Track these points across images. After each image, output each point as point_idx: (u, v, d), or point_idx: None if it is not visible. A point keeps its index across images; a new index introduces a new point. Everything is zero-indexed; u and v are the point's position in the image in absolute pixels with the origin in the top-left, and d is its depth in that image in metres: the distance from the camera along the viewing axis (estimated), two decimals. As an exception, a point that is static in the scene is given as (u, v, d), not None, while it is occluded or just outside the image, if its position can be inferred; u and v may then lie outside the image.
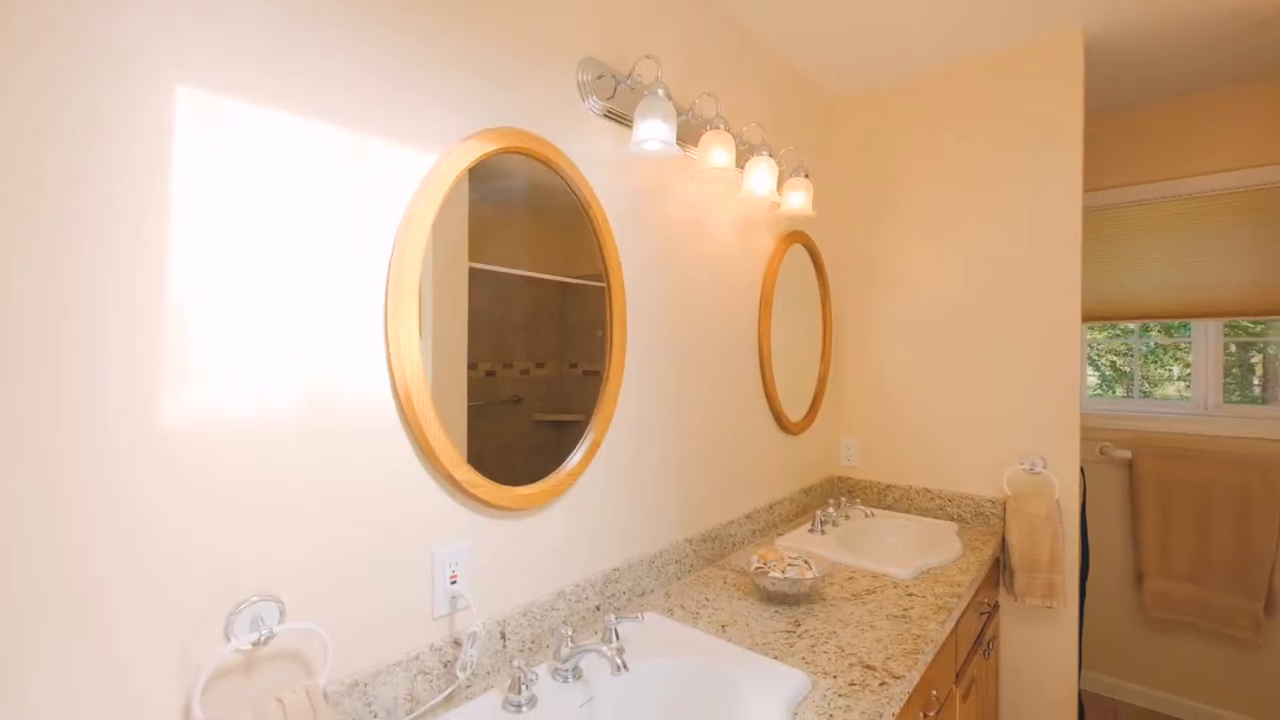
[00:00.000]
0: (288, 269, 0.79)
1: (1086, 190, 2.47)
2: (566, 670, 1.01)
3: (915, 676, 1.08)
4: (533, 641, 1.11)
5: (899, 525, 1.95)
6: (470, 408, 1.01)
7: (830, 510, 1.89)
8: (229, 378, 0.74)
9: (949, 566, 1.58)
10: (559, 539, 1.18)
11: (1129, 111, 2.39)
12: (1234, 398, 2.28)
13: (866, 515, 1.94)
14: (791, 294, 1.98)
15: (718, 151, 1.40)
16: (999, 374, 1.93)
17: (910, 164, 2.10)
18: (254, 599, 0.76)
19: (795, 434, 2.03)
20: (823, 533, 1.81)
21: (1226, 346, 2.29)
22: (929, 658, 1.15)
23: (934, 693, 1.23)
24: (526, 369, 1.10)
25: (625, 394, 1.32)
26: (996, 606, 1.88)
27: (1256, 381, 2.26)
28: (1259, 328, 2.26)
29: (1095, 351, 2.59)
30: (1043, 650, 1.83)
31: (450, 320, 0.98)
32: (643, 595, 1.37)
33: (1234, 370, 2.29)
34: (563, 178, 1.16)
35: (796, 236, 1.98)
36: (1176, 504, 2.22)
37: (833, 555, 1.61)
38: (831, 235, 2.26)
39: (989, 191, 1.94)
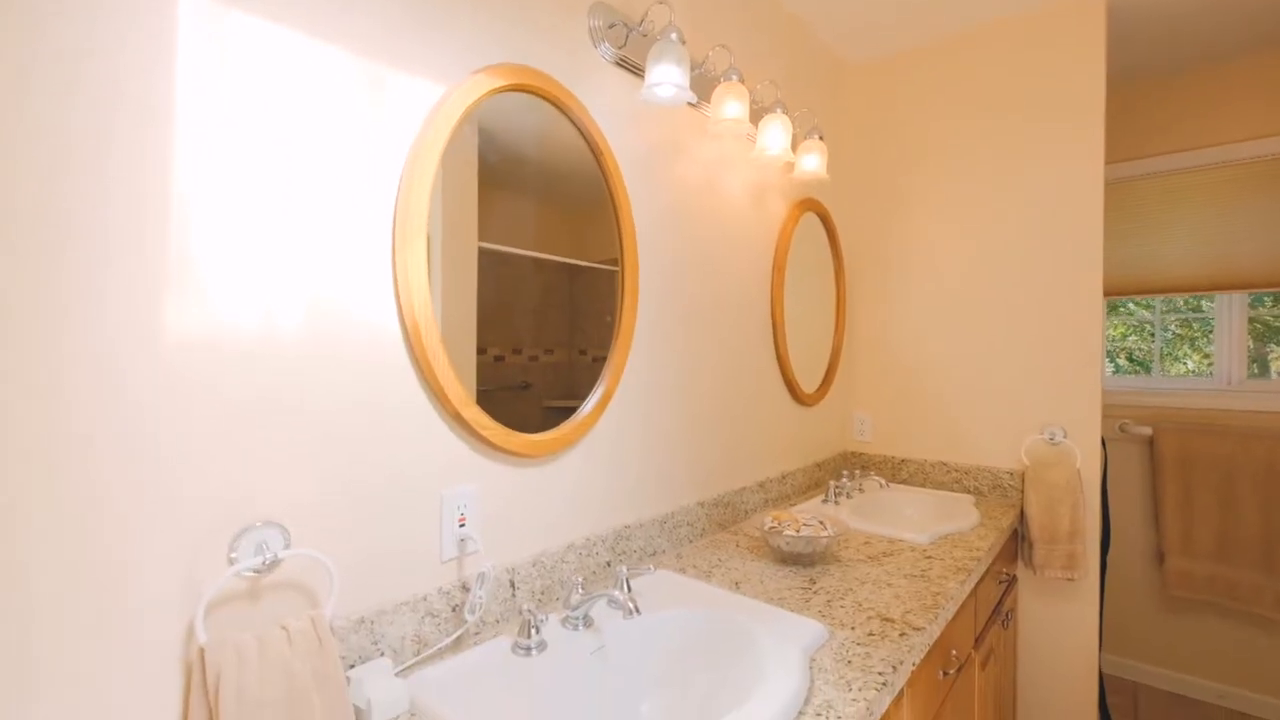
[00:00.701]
0: (294, 191, 0.77)
1: (1108, 162, 2.42)
2: (577, 618, 0.98)
3: (935, 630, 1.05)
4: (543, 593, 1.09)
5: (915, 497, 1.91)
6: (479, 392, 0.99)
7: (845, 481, 1.85)
8: (233, 294, 0.72)
9: (967, 533, 1.54)
10: (569, 491, 1.15)
11: (1151, 80, 2.33)
12: (1254, 371, 2.22)
13: (881, 486, 1.90)
14: (804, 263, 1.95)
15: (731, 104, 1.37)
16: (1017, 345, 1.88)
17: (925, 133, 2.06)
18: (258, 524, 0.74)
19: (809, 405, 2.00)
20: (836, 503, 1.77)
21: (1252, 322, 2.23)
22: (949, 614, 1.12)
23: (954, 652, 1.20)
24: (535, 355, 1.09)
25: (637, 348, 1.30)
26: (1014, 580, 1.84)
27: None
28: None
29: (1111, 346, 2.54)
30: (1062, 625, 1.78)
31: (459, 267, 0.96)
32: (654, 555, 1.34)
33: (1254, 345, 2.23)
34: (574, 122, 1.14)
35: (810, 204, 1.95)
36: (1199, 481, 2.16)
37: (848, 521, 1.58)
38: (845, 205, 2.22)
39: (1007, 161, 1.89)
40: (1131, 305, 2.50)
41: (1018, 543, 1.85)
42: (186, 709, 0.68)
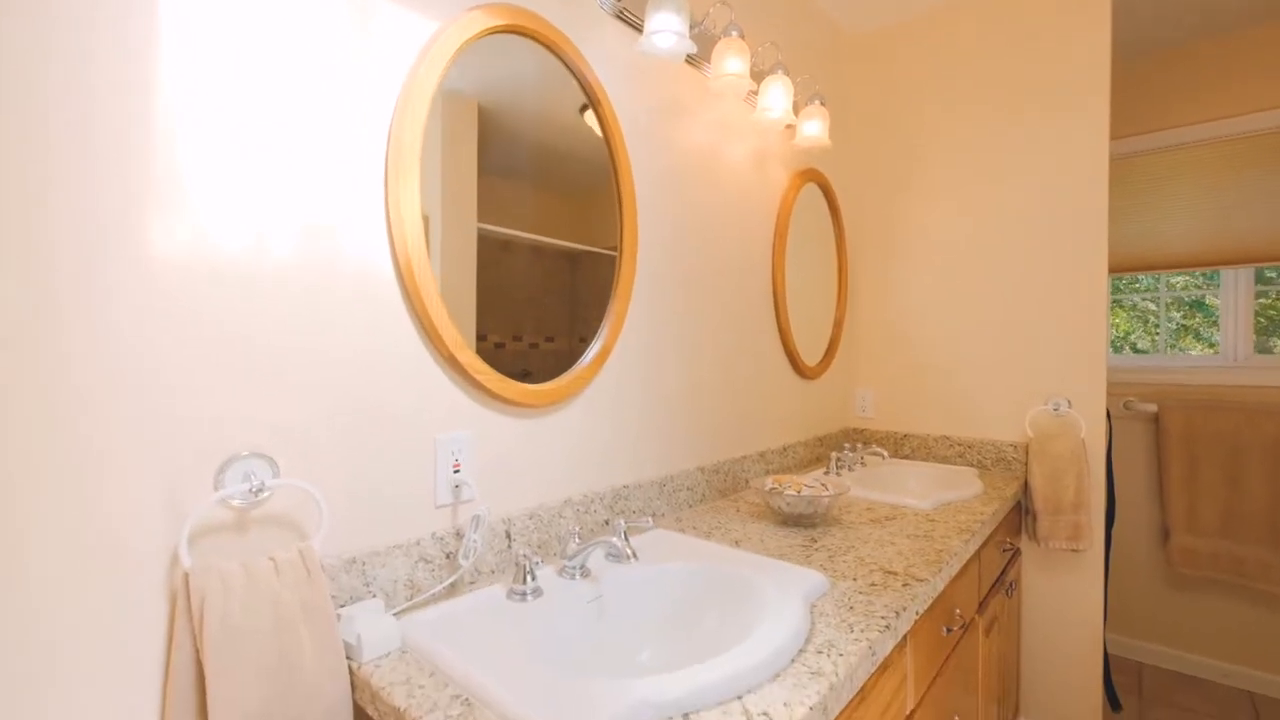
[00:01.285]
0: (284, 118, 0.75)
1: (1113, 138, 2.39)
2: (574, 568, 0.97)
3: (939, 583, 1.03)
4: (539, 546, 1.07)
5: (917, 470, 1.89)
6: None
7: (847, 453, 1.83)
8: (221, 216, 0.70)
9: (970, 500, 1.52)
10: (567, 445, 1.14)
11: (1155, 54, 2.30)
12: (1261, 346, 2.19)
13: (884, 459, 1.88)
14: (806, 235, 1.92)
15: (732, 59, 1.35)
16: (1022, 317, 1.86)
17: (926, 105, 2.03)
18: (245, 454, 0.72)
19: (811, 379, 1.97)
20: (839, 475, 1.75)
21: (1257, 297, 2.20)
22: (952, 570, 1.10)
23: (957, 611, 1.18)
24: (536, 343, 1.07)
25: (636, 303, 1.28)
26: (1018, 552, 1.82)
27: (1290, 331, 2.17)
28: (1293, 275, 2.17)
29: (1116, 340, 2.51)
30: (1067, 597, 1.76)
31: (459, 247, 0.94)
32: (653, 517, 1.32)
33: (1261, 320, 2.20)
34: (571, 69, 1.11)
35: (812, 174, 1.92)
36: (1205, 457, 2.14)
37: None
38: (847, 178, 2.20)
39: (1010, 134, 1.87)
40: (1135, 298, 2.47)
41: (1021, 515, 1.83)
42: (171, 636, 0.66)
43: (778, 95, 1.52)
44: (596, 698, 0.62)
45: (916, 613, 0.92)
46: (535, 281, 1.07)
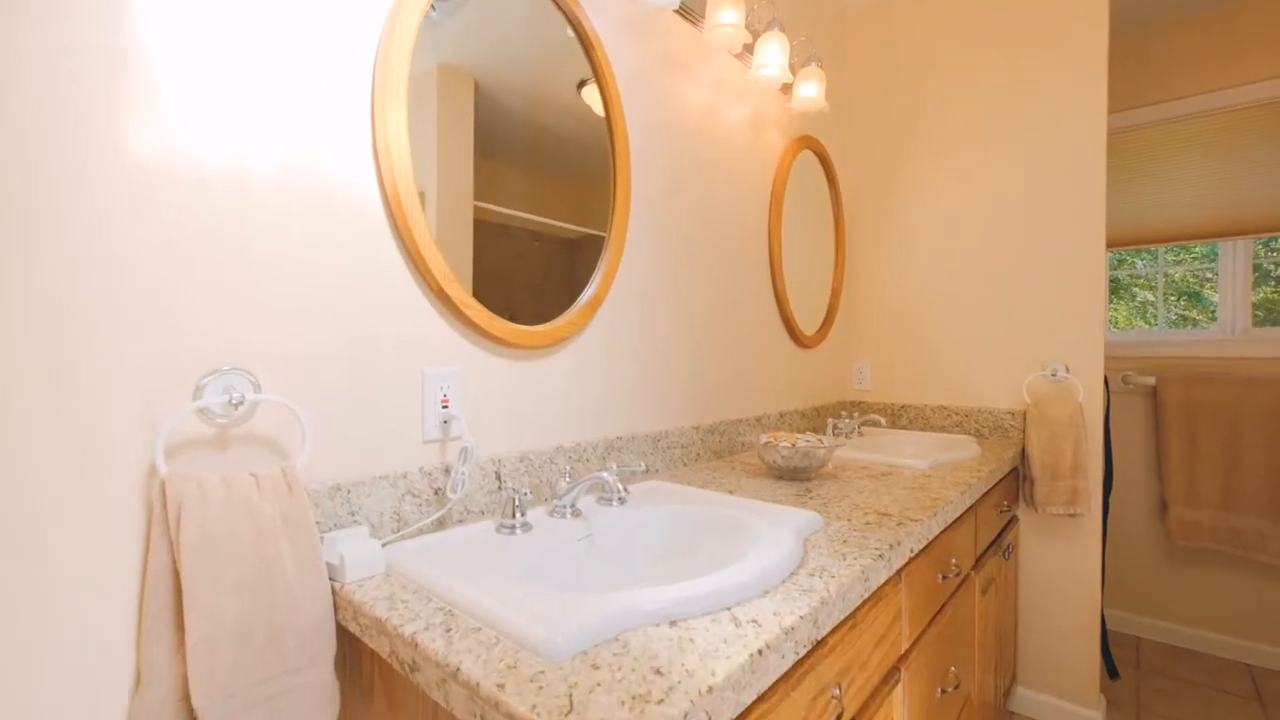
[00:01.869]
0: (266, 33, 0.74)
1: (1111, 112, 2.38)
2: (564, 507, 0.95)
3: (934, 526, 1.01)
4: (530, 491, 1.05)
5: (914, 437, 1.88)
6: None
7: (844, 420, 1.82)
8: (199, 125, 0.69)
9: (967, 461, 1.51)
10: (560, 391, 1.12)
11: (1153, 26, 2.29)
12: (1260, 318, 2.18)
13: (880, 425, 1.87)
14: (803, 203, 1.91)
15: (726, 10, 1.33)
16: (1019, 285, 1.85)
17: (925, 76, 2.02)
18: (226, 368, 0.71)
19: (808, 347, 1.96)
20: (835, 437, 1.74)
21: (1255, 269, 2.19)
22: (948, 516, 1.08)
23: (953, 561, 1.17)
24: (533, 326, 1.06)
25: (630, 253, 1.26)
26: (1015, 518, 1.81)
27: (1289, 304, 2.15)
28: (1293, 247, 2.16)
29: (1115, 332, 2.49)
30: (1065, 563, 1.75)
31: (456, 184, 0.93)
32: (646, 473, 1.31)
33: (1259, 313, 2.19)
34: (566, 14, 1.10)
35: (808, 142, 1.91)
36: (1204, 429, 2.13)
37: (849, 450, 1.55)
38: (844, 148, 2.19)
39: (1008, 104, 1.85)
40: (1135, 290, 2.45)
41: (1019, 482, 1.82)
42: (148, 545, 0.65)
43: (773, 52, 1.50)
44: (581, 605, 0.60)
45: (911, 550, 0.91)
46: (534, 267, 1.06)
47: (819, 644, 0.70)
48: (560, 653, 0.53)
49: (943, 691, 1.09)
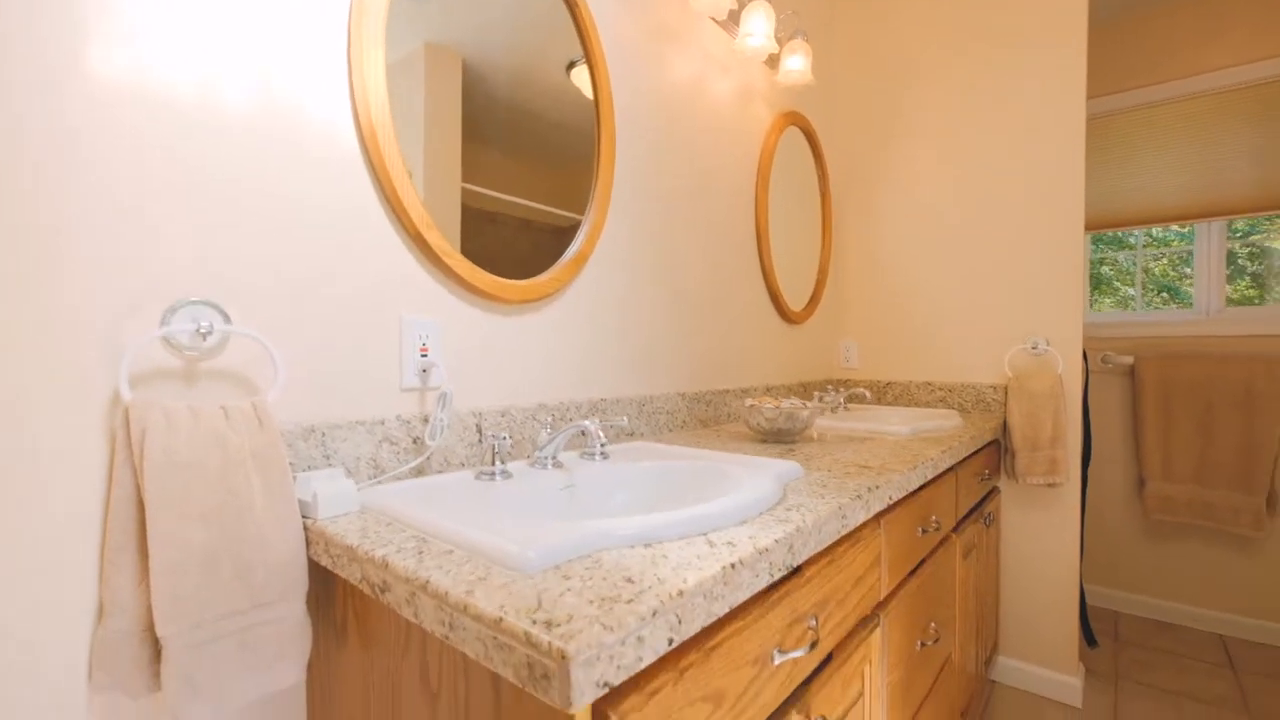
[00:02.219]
0: (235, -46, 0.72)
1: (1092, 96, 2.41)
2: (545, 458, 0.94)
3: (915, 478, 1.02)
4: (512, 448, 1.04)
5: (899, 411, 1.89)
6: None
7: (831, 394, 1.83)
8: (167, 49, 0.67)
9: (949, 429, 1.52)
10: (543, 348, 1.11)
11: (1136, 12, 2.32)
12: (1234, 297, 2.22)
13: (866, 399, 1.88)
14: (790, 181, 1.91)
15: (711, -27, 1.33)
16: (1002, 263, 1.86)
17: (910, 56, 2.03)
18: (195, 299, 0.69)
19: (796, 323, 1.97)
20: (822, 414, 1.74)
21: (1230, 250, 2.23)
22: (928, 472, 1.09)
23: (934, 518, 1.18)
24: None
25: (615, 212, 1.26)
26: (996, 490, 1.83)
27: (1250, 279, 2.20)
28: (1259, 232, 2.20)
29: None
30: (1045, 533, 1.77)
31: (443, 166, 0.92)
32: (630, 436, 1.30)
33: (1231, 298, 2.23)
34: (545, -36, 1.09)
35: (795, 118, 1.91)
36: (1179, 406, 2.16)
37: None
38: (831, 131, 2.19)
39: (991, 86, 1.87)
40: (1117, 284, 2.48)
41: (1000, 454, 1.83)
42: (111, 474, 0.63)
43: (759, 21, 1.50)
44: (555, 528, 0.60)
45: (890, 497, 0.91)
46: (523, 253, 1.06)
47: (795, 572, 0.70)
48: (531, 566, 0.53)
49: (922, 644, 1.09)
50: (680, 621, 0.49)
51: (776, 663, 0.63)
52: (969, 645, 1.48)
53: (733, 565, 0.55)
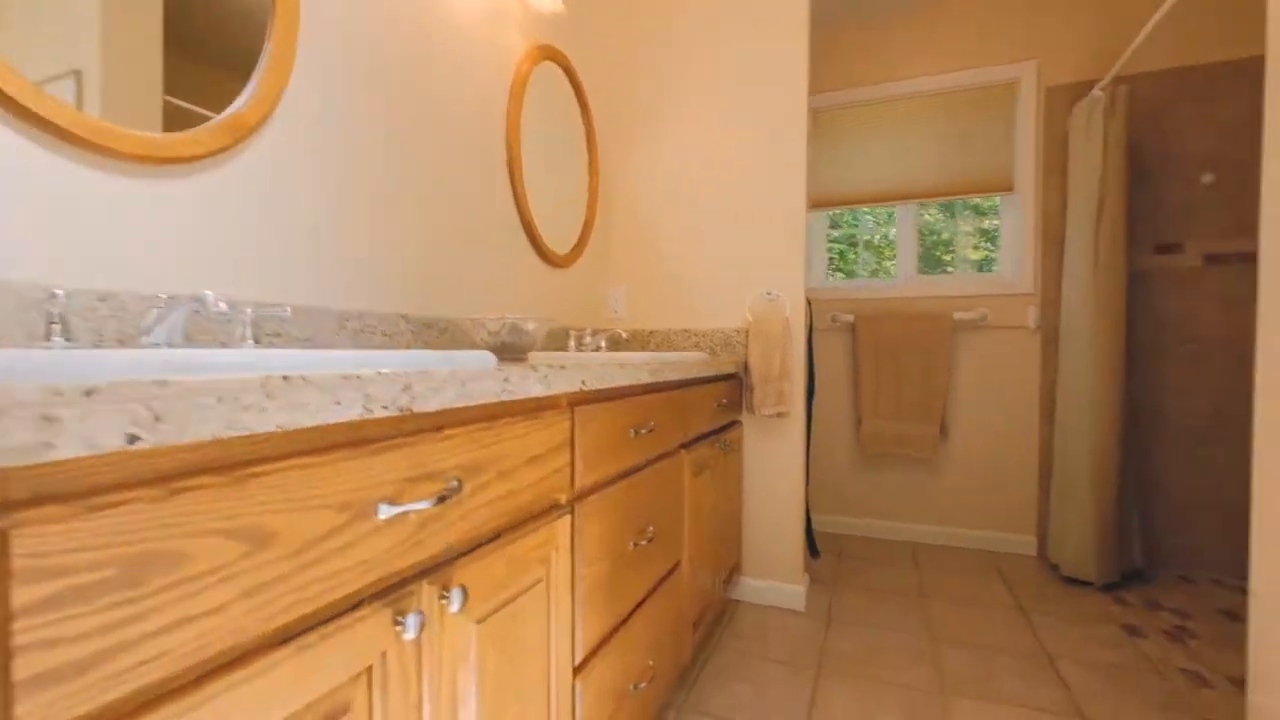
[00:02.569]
0: None
1: (821, 91, 2.78)
2: (154, 345, 0.74)
3: (621, 377, 1.01)
4: (114, 337, 0.81)
5: (655, 353, 1.95)
6: None
7: (588, 335, 1.82)
8: None
9: (689, 361, 1.59)
10: (187, 224, 0.88)
11: (861, 23, 2.72)
12: (923, 268, 2.74)
13: (623, 340, 1.91)
14: (553, 122, 1.86)
15: None
16: (744, 222, 2.04)
17: (667, 22, 2.13)
18: None
19: (560, 266, 1.92)
20: (580, 351, 1.72)
21: (921, 228, 2.74)
22: (639, 375, 1.10)
23: (651, 423, 1.20)
24: None
25: (304, 75, 1.06)
26: (739, 423, 1.99)
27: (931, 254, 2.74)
28: (944, 216, 2.74)
29: (831, 253, 2.94)
30: (777, 459, 1.98)
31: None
32: (309, 341, 1.12)
33: (924, 244, 2.75)
34: None
35: (550, 52, 1.86)
36: (885, 356, 2.60)
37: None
38: (596, 80, 2.20)
39: (738, 70, 2.03)
40: (850, 257, 2.91)
41: (742, 391, 2.00)
42: None
43: (499, -76, 1.41)
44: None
45: (583, 382, 0.89)
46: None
47: (435, 430, 0.61)
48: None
49: (635, 544, 1.10)
50: (157, 419, 0.36)
51: (383, 516, 0.54)
52: (704, 561, 1.57)
53: (285, 377, 0.44)
